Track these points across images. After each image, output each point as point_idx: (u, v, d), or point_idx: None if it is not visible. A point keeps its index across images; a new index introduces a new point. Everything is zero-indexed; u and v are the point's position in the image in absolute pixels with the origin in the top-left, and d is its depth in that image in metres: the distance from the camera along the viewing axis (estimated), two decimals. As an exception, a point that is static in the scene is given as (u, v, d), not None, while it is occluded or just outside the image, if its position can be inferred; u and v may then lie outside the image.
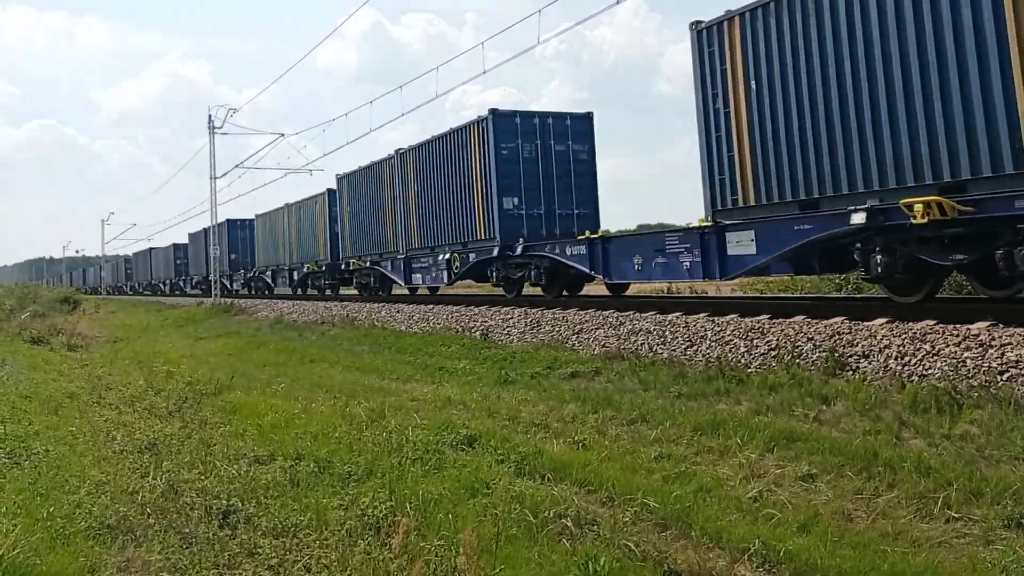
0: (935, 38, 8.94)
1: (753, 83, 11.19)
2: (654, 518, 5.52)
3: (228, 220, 43.62)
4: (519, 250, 17.95)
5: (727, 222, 12.07)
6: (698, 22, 12.20)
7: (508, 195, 18.13)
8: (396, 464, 6.81)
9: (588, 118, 19.17)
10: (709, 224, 12.31)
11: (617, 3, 14.41)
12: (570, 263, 16.24)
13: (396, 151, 23.25)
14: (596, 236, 15.56)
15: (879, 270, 9.99)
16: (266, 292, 39.51)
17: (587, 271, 15.83)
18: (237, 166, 41.00)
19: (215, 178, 38.65)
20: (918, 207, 9.05)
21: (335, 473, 6.65)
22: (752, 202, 11.47)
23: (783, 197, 11.00)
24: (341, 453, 7.23)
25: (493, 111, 18.35)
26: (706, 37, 12.02)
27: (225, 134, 37.94)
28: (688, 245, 12.86)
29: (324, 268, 30.40)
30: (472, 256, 19.76)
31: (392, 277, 24.88)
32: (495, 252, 18.53)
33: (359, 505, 5.71)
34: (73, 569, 4.76)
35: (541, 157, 18.41)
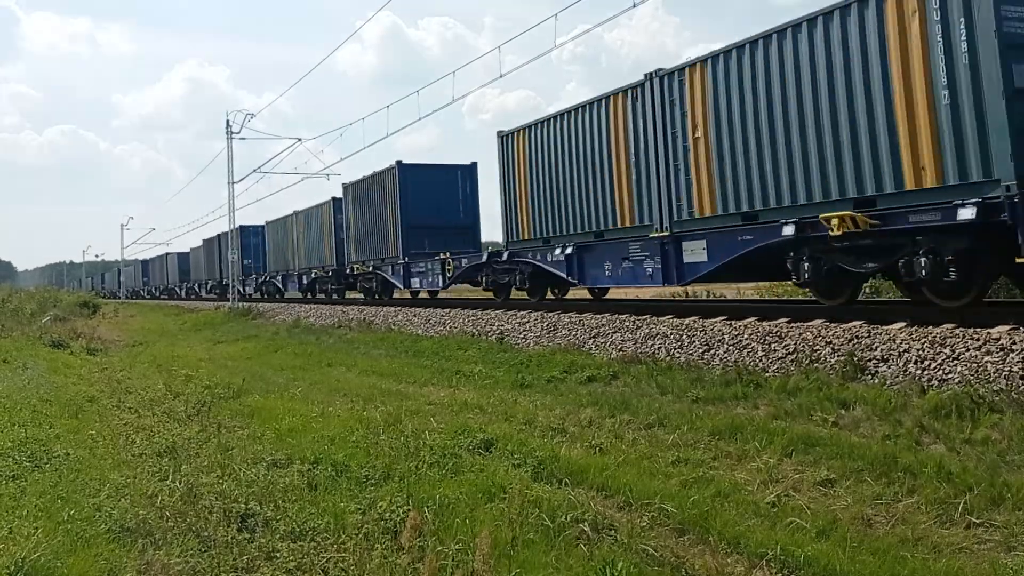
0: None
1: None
2: (671, 523, 5.51)
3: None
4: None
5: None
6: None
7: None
8: (413, 468, 6.82)
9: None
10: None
11: (634, 6, 14.46)
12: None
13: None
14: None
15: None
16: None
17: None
18: (255, 171, 41.30)
19: (233, 183, 38.93)
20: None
21: (352, 477, 6.67)
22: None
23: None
24: (358, 457, 7.25)
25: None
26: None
27: (243, 139, 38.49)
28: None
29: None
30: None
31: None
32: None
33: (376, 509, 5.72)
34: (94, 572, 4.80)
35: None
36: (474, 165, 25.37)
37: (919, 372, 8.36)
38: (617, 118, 14.68)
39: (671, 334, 11.99)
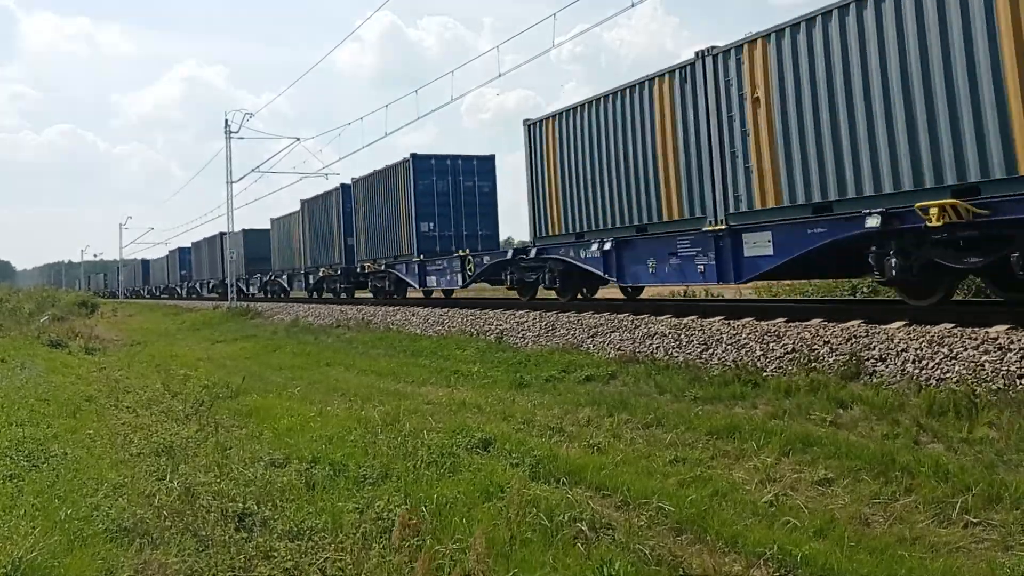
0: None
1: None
2: (669, 522, 5.50)
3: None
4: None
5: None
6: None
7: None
8: (411, 467, 6.81)
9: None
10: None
11: (633, 6, 14.45)
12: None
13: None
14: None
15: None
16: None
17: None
18: (253, 170, 41.12)
19: (231, 182, 38.90)
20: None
21: (350, 476, 6.66)
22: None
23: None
24: (356, 456, 7.25)
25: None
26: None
27: (241, 139, 38.27)
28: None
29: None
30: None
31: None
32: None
33: (374, 508, 5.71)
34: (91, 572, 4.80)
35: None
36: None
37: (917, 371, 8.36)
38: (663, 103, 13.78)
39: (669, 333, 11.99)
